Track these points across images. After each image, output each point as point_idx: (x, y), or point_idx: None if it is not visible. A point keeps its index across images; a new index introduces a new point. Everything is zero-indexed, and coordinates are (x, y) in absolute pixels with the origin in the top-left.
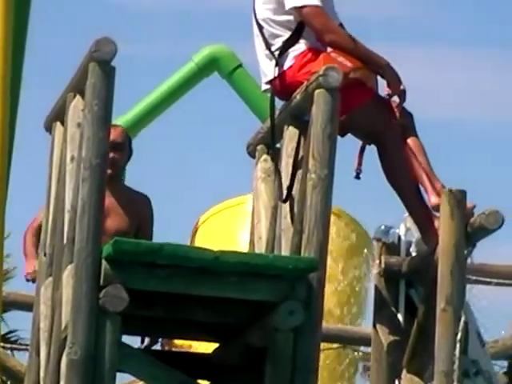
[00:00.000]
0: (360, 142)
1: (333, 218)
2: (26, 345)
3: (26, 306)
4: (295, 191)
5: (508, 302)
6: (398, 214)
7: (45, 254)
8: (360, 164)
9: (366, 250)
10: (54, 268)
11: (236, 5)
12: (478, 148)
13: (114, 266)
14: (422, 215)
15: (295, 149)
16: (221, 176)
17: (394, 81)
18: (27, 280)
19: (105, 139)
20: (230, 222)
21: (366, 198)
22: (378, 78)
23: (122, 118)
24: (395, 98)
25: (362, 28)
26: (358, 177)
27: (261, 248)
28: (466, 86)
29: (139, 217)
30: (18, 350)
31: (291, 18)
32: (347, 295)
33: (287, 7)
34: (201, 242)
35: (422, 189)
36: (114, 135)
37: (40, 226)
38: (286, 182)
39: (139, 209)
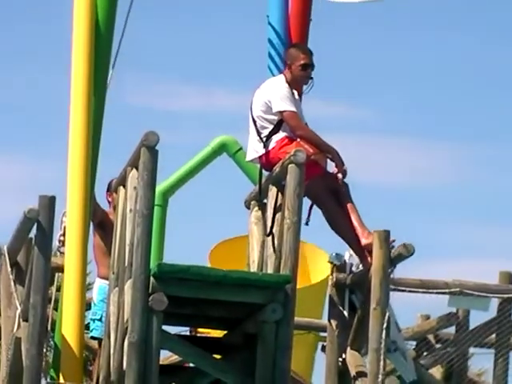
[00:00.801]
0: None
1: None
2: None
3: None
4: (276, 230)
5: (416, 303)
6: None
7: (113, 273)
8: (309, 216)
9: None
10: (119, 282)
11: (234, 107)
12: (398, 201)
13: (158, 281)
14: (358, 249)
15: (274, 203)
16: (228, 220)
17: (340, 163)
18: None
19: (152, 198)
20: (235, 247)
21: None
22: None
23: (163, 184)
24: (339, 175)
25: (319, 123)
26: (307, 223)
27: (254, 268)
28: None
29: None
30: None
31: (275, 117)
32: None
33: (274, 111)
34: (214, 261)
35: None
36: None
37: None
38: (269, 224)
39: None
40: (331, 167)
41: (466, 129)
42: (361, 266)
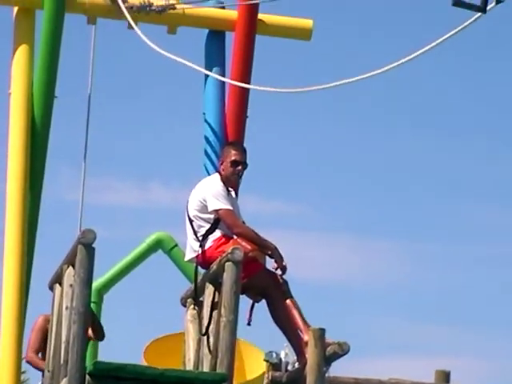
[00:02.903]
0: (251, 301)
1: None
2: None
3: None
4: (212, 328)
5: None
6: (280, 342)
7: (48, 371)
8: (250, 316)
9: None
10: (54, 380)
11: (173, 205)
12: (335, 298)
13: (94, 379)
14: (298, 346)
15: (211, 301)
16: (164, 318)
17: (279, 259)
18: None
19: (88, 295)
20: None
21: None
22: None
23: (98, 280)
24: (279, 271)
25: (257, 219)
26: (249, 324)
27: (190, 366)
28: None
29: None
30: None
31: (211, 216)
32: None
33: (209, 210)
34: (149, 358)
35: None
36: None
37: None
38: (205, 323)
39: None
40: (270, 264)
41: (402, 226)
42: (297, 364)
